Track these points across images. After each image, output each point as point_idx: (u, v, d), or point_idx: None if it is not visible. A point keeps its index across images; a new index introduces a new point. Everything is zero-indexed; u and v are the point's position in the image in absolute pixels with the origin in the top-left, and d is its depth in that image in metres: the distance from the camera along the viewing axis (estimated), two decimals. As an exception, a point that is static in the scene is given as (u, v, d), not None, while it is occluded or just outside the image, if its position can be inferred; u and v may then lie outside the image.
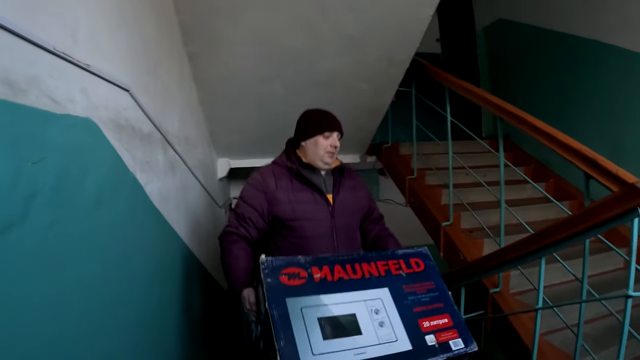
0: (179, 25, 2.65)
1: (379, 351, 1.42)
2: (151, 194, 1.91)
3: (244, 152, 4.49)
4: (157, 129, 2.06)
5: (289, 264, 1.58)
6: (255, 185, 2.19)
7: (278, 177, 2.20)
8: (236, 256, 2.05)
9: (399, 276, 1.72)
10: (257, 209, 2.14)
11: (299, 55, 3.04)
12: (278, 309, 1.42)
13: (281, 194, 2.14)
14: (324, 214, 2.17)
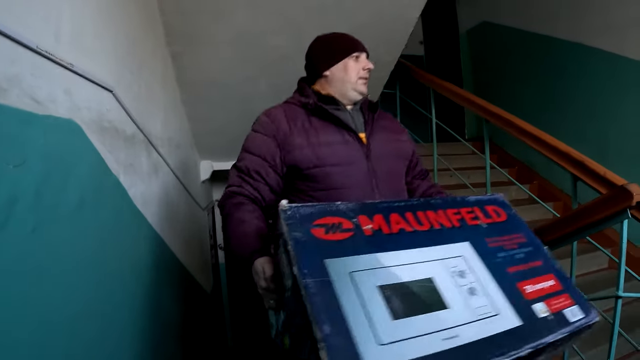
0: (162, 25, 2.61)
1: (477, 332, 0.97)
2: (135, 196, 1.87)
3: (227, 154, 4.44)
4: (141, 130, 2.02)
5: (324, 212, 1.10)
6: (261, 129, 1.73)
7: (291, 116, 1.72)
8: (241, 219, 1.55)
9: (478, 227, 1.26)
10: (267, 158, 1.66)
11: (284, 55, 3.01)
12: (314, 275, 0.94)
13: (297, 136, 1.65)
14: (358, 157, 1.65)
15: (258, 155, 1.66)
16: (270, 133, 1.67)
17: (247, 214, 1.57)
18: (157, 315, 2.18)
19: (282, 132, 1.65)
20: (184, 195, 3.27)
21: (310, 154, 1.60)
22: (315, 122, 1.69)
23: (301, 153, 1.60)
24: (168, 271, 2.53)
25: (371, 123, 1.78)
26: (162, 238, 2.39)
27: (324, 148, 1.61)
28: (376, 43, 3.03)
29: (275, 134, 1.66)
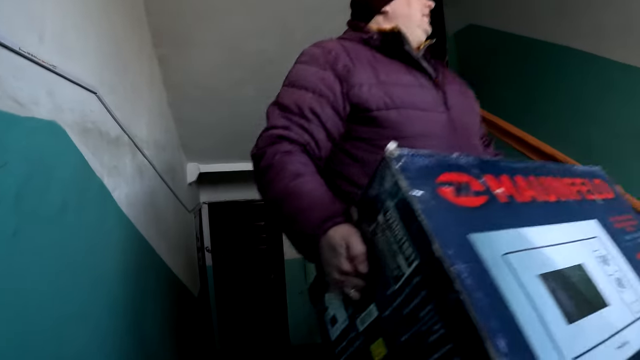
0: (149, 27, 2.60)
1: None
2: (119, 199, 1.86)
3: (214, 156, 4.44)
4: (125, 132, 2.01)
5: (445, 164, 0.79)
6: (312, 60, 1.33)
7: (351, 49, 1.32)
8: (296, 173, 1.10)
9: (595, 203, 1.00)
10: (324, 92, 1.23)
11: (272, 59, 3.00)
12: (463, 258, 0.64)
13: (362, 72, 1.25)
14: (435, 104, 1.29)
15: (312, 90, 1.24)
16: (326, 64, 1.27)
17: (303, 167, 1.12)
18: (143, 318, 2.16)
19: (341, 64, 1.26)
20: (170, 197, 3.25)
21: (382, 93, 1.23)
22: (381, 60, 1.31)
23: (369, 91, 1.22)
24: (154, 274, 2.52)
25: (441, 70, 1.43)
26: (148, 240, 2.37)
27: (398, 88, 1.25)
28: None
29: (334, 65, 1.26)
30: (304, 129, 1.19)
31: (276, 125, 1.21)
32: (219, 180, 6.23)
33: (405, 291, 0.71)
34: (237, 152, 4.42)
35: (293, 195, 1.04)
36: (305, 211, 1.00)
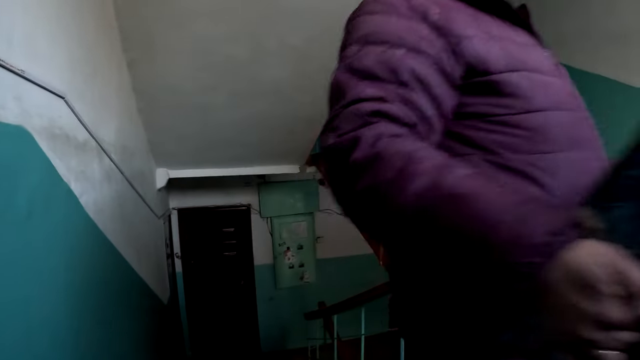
0: (119, 31, 2.58)
1: None
2: (86, 204, 1.84)
3: (184, 162, 4.41)
4: (93, 137, 1.99)
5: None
6: (392, 7, 0.89)
7: (443, 2, 0.90)
8: (440, 164, 0.66)
9: None
10: (424, 49, 0.82)
11: (242, 65, 3.01)
12: None
13: (467, 26, 0.86)
14: (552, 70, 0.94)
15: (405, 46, 0.82)
16: (413, 13, 0.87)
17: (438, 155, 0.70)
18: (110, 326, 2.14)
19: (433, 12, 0.86)
20: (139, 203, 3.22)
21: (498, 49, 0.85)
22: (479, 14, 0.91)
23: (485, 46, 0.84)
24: (122, 281, 2.49)
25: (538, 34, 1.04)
26: (116, 247, 2.35)
27: (515, 46, 0.89)
28: (333, 54, 3.06)
29: (425, 13, 0.86)
30: (406, 101, 0.77)
31: (364, 97, 0.78)
32: (188, 186, 6.20)
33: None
34: (207, 157, 4.41)
35: (457, 198, 0.61)
36: (500, 223, 0.57)
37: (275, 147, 4.59)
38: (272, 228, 7.04)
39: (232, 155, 4.49)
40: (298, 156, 4.97)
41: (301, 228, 7.19)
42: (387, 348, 5.35)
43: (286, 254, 7.09)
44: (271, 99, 3.49)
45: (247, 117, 3.67)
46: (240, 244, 6.94)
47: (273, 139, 4.30)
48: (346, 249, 7.28)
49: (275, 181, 6.90)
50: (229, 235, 6.88)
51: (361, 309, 3.21)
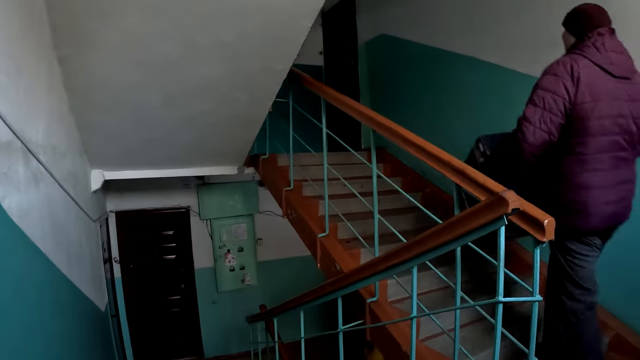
0: (49, 26, 2.44)
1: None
2: (9, 208, 1.73)
3: (119, 163, 4.27)
4: (18, 137, 1.87)
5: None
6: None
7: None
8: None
9: None
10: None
11: (174, 62, 2.90)
12: None
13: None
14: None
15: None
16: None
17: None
18: (41, 337, 2.03)
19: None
20: (72, 206, 3.09)
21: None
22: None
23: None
24: (52, 288, 2.38)
25: None
26: (45, 253, 2.23)
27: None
28: (267, 52, 3.02)
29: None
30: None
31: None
32: (126, 188, 6.05)
33: None
34: (143, 158, 4.29)
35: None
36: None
37: (213, 148, 4.51)
38: (212, 230, 6.95)
39: (169, 155, 4.38)
40: (237, 157, 4.92)
41: (241, 230, 7.13)
42: (328, 350, 5.36)
43: (226, 256, 7.02)
44: (206, 98, 3.41)
45: (182, 116, 3.58)
46: (180, 247, 6.82)
47: (210, 139, 4.23)
48: (286, 251, 7.29)
49: (214, 182, 6.82)
50: (168, 238, 6.76)
51: (300, 311, 3.19)
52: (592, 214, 2.17)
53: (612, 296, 3.11)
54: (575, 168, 2.18)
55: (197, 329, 6.89)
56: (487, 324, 2.86)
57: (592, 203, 2.16)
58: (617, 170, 2.21)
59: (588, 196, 2.17)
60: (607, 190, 2.18)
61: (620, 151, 2.20)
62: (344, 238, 3.62)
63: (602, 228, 2.23)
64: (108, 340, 4.48)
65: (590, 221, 2.18)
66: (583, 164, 2.17)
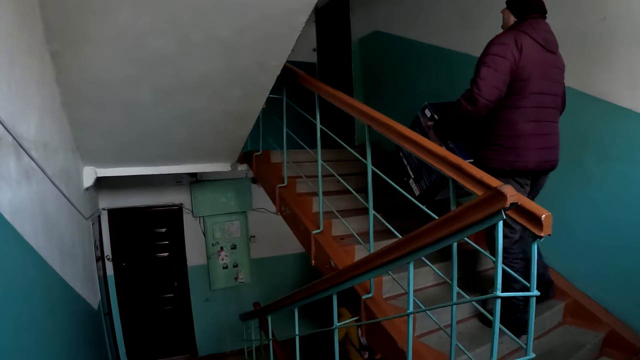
0: (42, 21, 2.41)
1: None
2: (1, 205, 1.70)
3: (112, 160, 4.23)
4: (9, 132, 1.84)
5: None
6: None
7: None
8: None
9: None
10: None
11: (166, 58, 2.87)
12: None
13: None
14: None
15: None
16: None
17: None
18: (33, 336, 2.01)
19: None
20: (64, 203, 3.05)
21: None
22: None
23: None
24: (45, 286, 2.35)
25: None
26: (37, 250, 2.21)
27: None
28: (262, 47, 3.01)
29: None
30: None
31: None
32: (118, 186, 6.02)
33: None
34: (136, 155, 4.26)
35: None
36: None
37: (206, 144, 4.49)
38: (205, 228, 6.93)
39: (162, 153, 4.36)
40: (230, 153, 4.89)
41: (234, 227, 7.12)
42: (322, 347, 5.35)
43: (220, 254, 7.00)
44: (200, 94, 3.39)
45: (176, 113, 3.56)
46: (173, 245, 6.80)
47: (203, 135, 4.21)
48: (279, 248, 7.30)
49: (207, 180, 6.81)
50: (161, 236, 6.74)
51: (294, 308, 3.18)
52: (528, 155, 2.70)
53: (606, 292, 3.14)
54: (517, 118, 2.71)
55: (191, 327, 6.87)
56: (482, 320, 2.88)
57: (527, 147, 2.69)
58: (548, 123, 2.78)
59: (525, 141, 2.70)
60: (540, 137, 2.73)
61: (550, 108, 2.79)
62: (338, 235, 3.61)
63: (534, 169, 2.75)
64: (101, 339, 4.45)
65: (527, 161, 2.70)
66: (522, 116, 2.70)
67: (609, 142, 3.06)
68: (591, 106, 3.14)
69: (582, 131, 3.20)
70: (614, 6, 2.97)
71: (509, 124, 2.72)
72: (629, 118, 2.92)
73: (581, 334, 3.00)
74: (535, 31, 2.70)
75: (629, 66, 2.91)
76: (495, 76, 2.61)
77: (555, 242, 2.07)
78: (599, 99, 3.09)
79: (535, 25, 2.72)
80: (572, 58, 3.15)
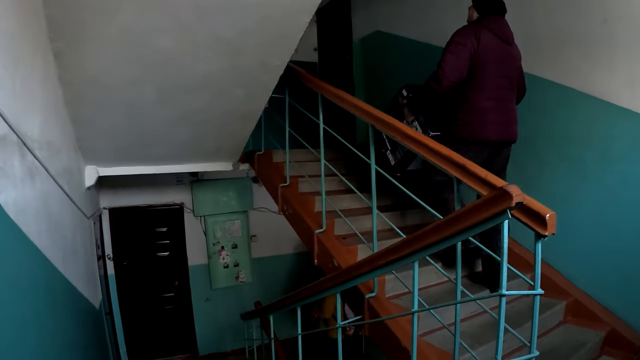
0: (45, 19, 2.41)
1: None
2: (5, 203, 1.71)
3: (114, 159, 4.23)
4: (14, 131, 1.85)
5: None
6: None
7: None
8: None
9: None
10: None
11: (170, 58, 2.88)
12: None
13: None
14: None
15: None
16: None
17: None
18: (36, 334, 2.01)
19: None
20: (66, 202, 3.06)
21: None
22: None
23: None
24: (48, 285, 2.36)
25: None
26: (40, 249, 2.21)
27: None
28: (265, 47, 3.01)
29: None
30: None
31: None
32: (119, 185, 6.02)
33: None
34: (137, 155, 4.26)
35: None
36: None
37: (208, 144, 4.49)
38: (206, 227, 6.93)
39: (164, 152, 4.36)
40: (232, 153, 4.89)
41: (235, 227, 7.12)
42: (325, 346, 5.35)
43: (220, 253, 7.00)
44: (203, 94, 3.39)
45: (178, 112, 3.56)
46: (174, 244, 6.80)
47: (206, 135, 4.21)
48: (281, 248, 7.31)
49: (208, 179, 6.81)
50: (161, 235, 6.74)
51: (297, 308, 3.19)
52: (489, 128, 3.06)
53: (607, 291, 3.14)
54: (477, 97, 3.09)
55: (191, 326, 6.87)
56: (484, 318, 2.88)
57: (487, 121, 3.06)
58: (505, 101, 3.16)
59: (485, 115, 3.07)
60: (498, 113, 3.10)
61: (506, 89, 3.15)
62: (341, 234, 3.61)
63: (495, 140, 3.11)
64: (102, 338, 4.46)
65: (487, 133, 3.07)
66: (482, 95, 3.08)
67: (609, 142, 3.06)
68: (592, 106, 3.15)
69: (583, 131, 3.21)
70: (614, 8, 3.00)
71: (471, 102, 3.11)
72: (629, 118, 2.92)
73: (582, 333, 3.01)
74: (493, 26, 3.11)
75: (629, 67, 2.93)
76: (456, 61, 3.04)
77: (556, 242, 2.06)
78: (599, 100, 3.10)
79: (494, 21, 3.13)
80: (573, 59, 3.20)
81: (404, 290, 3.00)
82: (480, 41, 3.04)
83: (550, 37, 3.41)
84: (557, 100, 3.39)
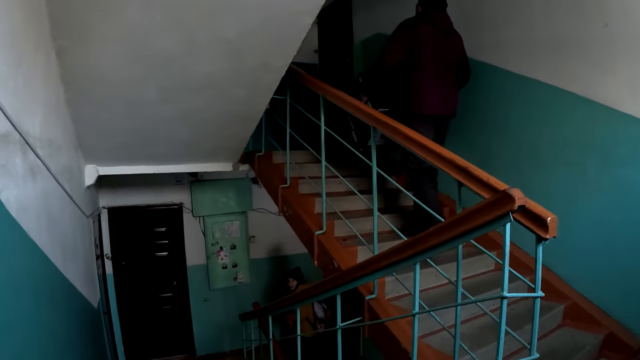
0: (48, 17, 2.41)
1: None
2: (7, 201, 1.70)
3: (114, 158, 4.24)
4: (16, 129, 1.85)
5: None
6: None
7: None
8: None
9: None
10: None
11: (172, 57, 2.88)
12: None
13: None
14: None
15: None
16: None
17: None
18: (35, 332, 2.01)
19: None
20: (66, 201, 3.06)
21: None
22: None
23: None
24: (47, 283, 2.35)
25: None
26: (40, 247, 2.21)
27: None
28: (267, 48, 3.01)
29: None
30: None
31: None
32: (119, 184, 6.01)
33: None
34: (137, 154, 4.26)
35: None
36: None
37: (209, 144, 4.50)
38: (205, 227, 6.93)
39: (164, 152, 4.36)
40: (231, 153, 4.90)
41: (234, 227, 7.12)
42: (323, 348, 5.35)
43: (219, 253, 7.00)
44: (203, 94, 3.40)
45: (179, 112, 3.56)
46: (172, 244, 6.80)
47: (206, 135, 4.22)
48: (279, 249, 7.32)
49: (207, 179, 6.81)
50: (160, 235, 6.74)
51: (297, 308, 3.19)
52: (429, 104, 3.58)
53: (606, 295, 3.15)
54: (418, 78, 3.59)
55: (189, 327, 6.87)
56: (483, 320, 2.89)
57: (428, 98, 3.57)
58: (445, 81, 3.67)
59: (425, 94, 3.58)
60: (439, 91, 3.62)
61: (444, 71, 3.67)
62: (341, 236, 3.62)
63: (436, 114, 3.63)
64: (100, 337, 4.45)
65: (428, 108, 3.59)
66: (422, 76, 3.58)
67: (609, 147, 3.06)
68: (592, 111, 3.14)
69: (584, 136, 3.21)
70: (615, 13, 3.00)
71: (414, 83, 3.61)
72: (629, 123, 2.92)
73: (580, 336, 3.01)
74: (433, 18, 3.61)
75: (630, 72, 2.92)
76: (395, 47, 3.61)
77: (555, 245, 2.07)
78: (600, 104, 3.10)
79: (434, 14, 3.64)
80: (574, 64, 3.19)
81: (403, 292, 3.01)
82: (419, 31, 3.54)
83: (550, 41, 3.41)
84: (557, 105, 3.39)
